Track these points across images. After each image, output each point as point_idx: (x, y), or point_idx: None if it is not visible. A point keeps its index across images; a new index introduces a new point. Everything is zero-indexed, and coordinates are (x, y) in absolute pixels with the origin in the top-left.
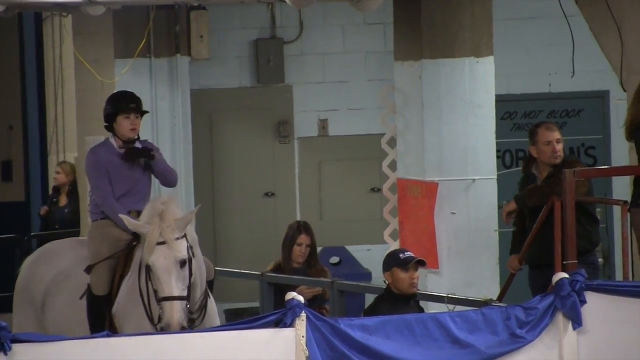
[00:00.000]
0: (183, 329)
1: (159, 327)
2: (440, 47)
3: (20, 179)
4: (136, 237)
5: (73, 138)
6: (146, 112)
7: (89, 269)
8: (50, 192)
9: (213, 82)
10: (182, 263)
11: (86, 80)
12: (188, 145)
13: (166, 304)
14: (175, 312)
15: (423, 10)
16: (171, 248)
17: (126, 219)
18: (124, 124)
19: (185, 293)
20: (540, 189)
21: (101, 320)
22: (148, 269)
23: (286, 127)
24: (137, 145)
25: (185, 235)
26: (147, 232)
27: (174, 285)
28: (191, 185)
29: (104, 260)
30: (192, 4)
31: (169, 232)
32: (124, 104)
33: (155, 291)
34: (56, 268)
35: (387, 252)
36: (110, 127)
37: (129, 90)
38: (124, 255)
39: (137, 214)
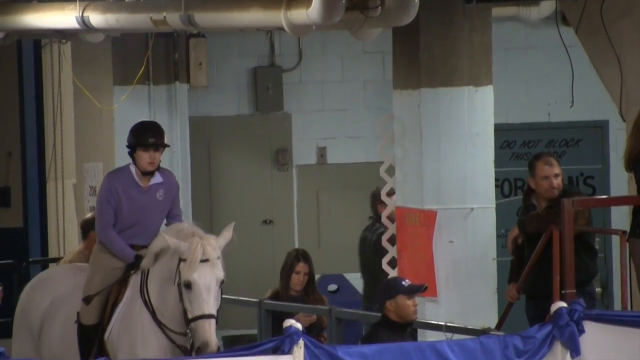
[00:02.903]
0: (218, 351)
1: (195, 347)
2: (439, 76)
3: (19, 205)
4: (131, 267)
5: (71, 165)
6: (167, 145)
7: (87, 300)
8: None
9: (212, 110)
10: (221, 283)
11: (85, 108)
12: (186, 172)
13: (205, 322)
14: (214, 330)
15: (422, 40)
16: (214, 267)
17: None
18: (143, 157)
19: (216, 314)
20: (542, 217)
21: (89, 348)
22: (187, 285)
23: (285, 155)
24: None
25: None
26: (188, 249)
27: (212, 304)
28: (189, 213)
29: (99, 294)
30: (191, 31)
31: (211, 251)
32: (144, 138)
33: (185, 312)
34: (52, 294)
35: (384, 281)
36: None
37: (154, 121)
38: (118, 282)
39: (141, 247)
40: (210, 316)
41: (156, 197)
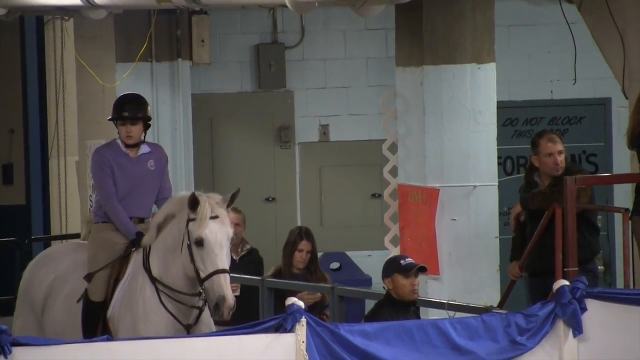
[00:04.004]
0: (234, 307)
1: (212, 305)
2: (441, 53)
3: (21, 182)
4: (132, 245)
5: (74, 142)
6: (147, 118)
7: (88, 277)
8: None
9: (214, 87)
10: (231, 240)
11: (87, 84)
12: (189, 149)
13: (220, 276)
14: (229, 284)
15: (425, 17)
16: (223, 223)
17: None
18: (121, 130)
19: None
20: (545, 194)
21: (95, 324)
22: (199, 243)
23: (287, 133)
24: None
25: None
26: (199, 206)
27: (225, 259)
28: (192, 190)
29: (103, 269)
30: (194, 8)
31: (219, 208)
32: (119, 111)
33: (197, 272)
34: (54, 272)
35: (387, 259)
36: None
37: (135, 94)
38: (120, 259)
39: (139, 221)
40: (224, 271)
41: (147, 167)
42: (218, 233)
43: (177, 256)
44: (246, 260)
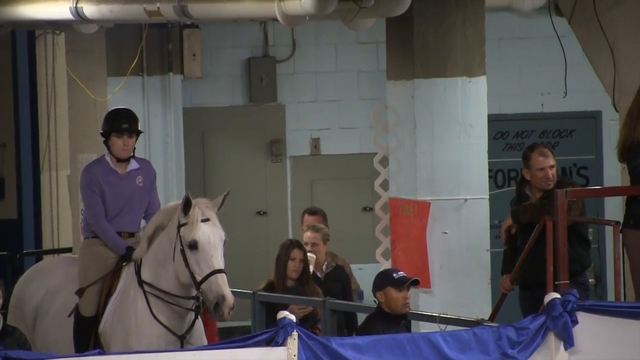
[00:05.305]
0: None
1: (212, 306)
2: (432, 66)
3: (13, 196)
4: (123, 259)
5: (65, 156)
6: (140, 132)
7: (80, 292)
8: None
9: (206, 101)
10: (224, 243)
11: (79, 98)
12: (180, 163)
13: (217, 276)
14: (227, 284)
15: (415, 30)
16: (215, 226)
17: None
18: (116, 143)
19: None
20: (535, 207)
21: (86, 339)
22: (193, 246)
23: (278, 146)
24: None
25: None
26: (190, 210)
27: (220, 260)
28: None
29: (94, 284)
30: (185, 22)
31: (209, 211)
32: (117, 124)
33: (193, 276)
34: (46, 286)
35: (378, 272)
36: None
37: (127, 108)
38: (111, 274)
39: (129, 235)
40: (221, 271)
41: (136, 183)
42: (211, 235)
43: (168, 265)
44: (331, 278)
